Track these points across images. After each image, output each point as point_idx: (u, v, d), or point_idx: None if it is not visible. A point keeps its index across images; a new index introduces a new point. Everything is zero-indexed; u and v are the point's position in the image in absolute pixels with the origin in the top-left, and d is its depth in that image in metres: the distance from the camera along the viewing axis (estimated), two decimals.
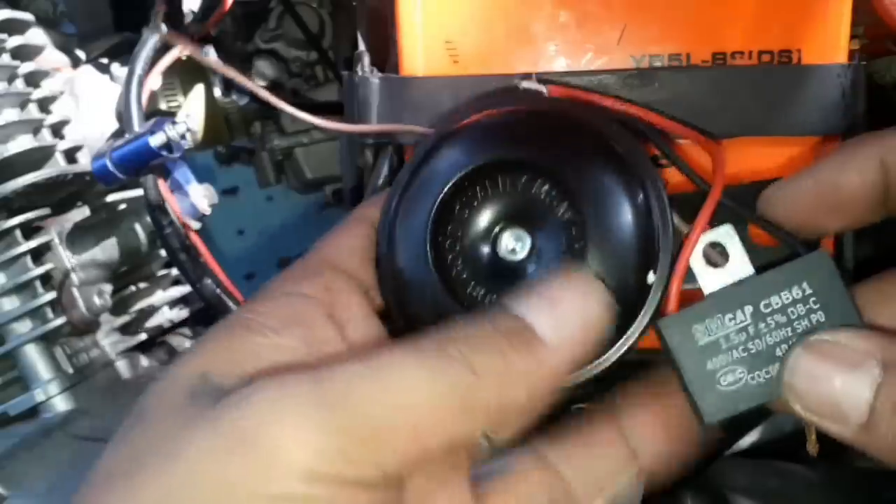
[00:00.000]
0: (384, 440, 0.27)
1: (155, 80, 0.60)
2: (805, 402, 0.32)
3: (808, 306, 0.33)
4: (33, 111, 0.68)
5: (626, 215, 0.35)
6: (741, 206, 0.36)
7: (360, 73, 0.50)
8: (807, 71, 0.45)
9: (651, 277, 0.35)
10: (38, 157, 0.68)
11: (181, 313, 0.83)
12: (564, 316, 0.31)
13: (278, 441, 0.27)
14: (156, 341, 0.80)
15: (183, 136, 0.64)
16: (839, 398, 0.31)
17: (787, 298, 0.34)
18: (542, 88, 0.40)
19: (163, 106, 0.75)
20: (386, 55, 0.50)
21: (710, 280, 0.35)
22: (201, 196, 0.66)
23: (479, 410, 0.29)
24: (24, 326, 0.69)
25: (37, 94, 0.68)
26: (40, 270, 0.69)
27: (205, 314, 0.86)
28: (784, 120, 0.45)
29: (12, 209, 0.69)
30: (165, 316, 0.81)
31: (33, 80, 0.69)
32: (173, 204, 0.65)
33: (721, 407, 0.34)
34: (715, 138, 0.41)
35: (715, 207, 0.35)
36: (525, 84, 0.41)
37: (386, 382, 0.28)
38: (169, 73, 0.74)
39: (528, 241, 0.36)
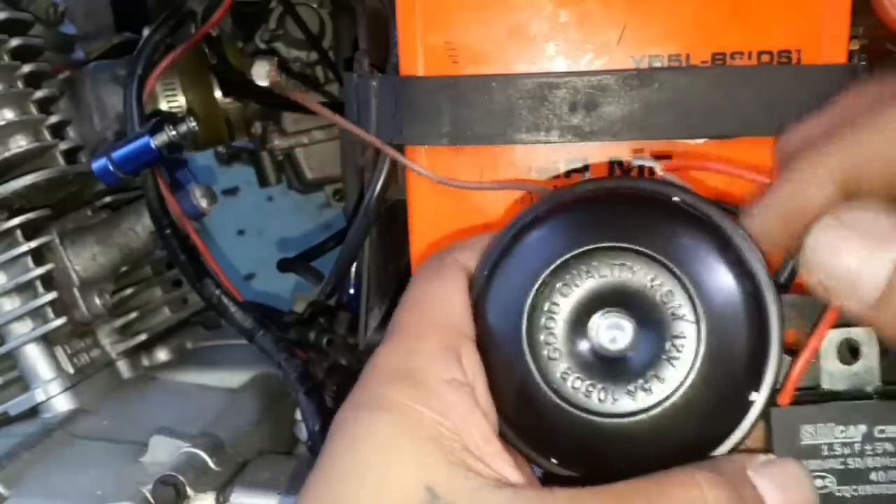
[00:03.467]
0: None
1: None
2: (825, 272, 0.32)
3: None
4: (33, 111, 0.68)
5: (739, 325, 0.34)
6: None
7: (359, 73, 0.50)
8: (806, 71, 0.45)
9: (754, 396, 0.34)
10: (38, 157, 0.68)
11: (181, 313, 0.83)
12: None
13: None
14: (156, 341, 0.80)
15: (184, 136, 0.64)
16: (858, 271, 0.31)
17: None
18: (657, 165, 0.39)
19: (163, 106, 0.75)
20: (386, 55, 0.50)
21: (835, 377, 0.34)
22: (201, 196, 0.66)
23: None
24: (24, 326, 0.69)
25: (37, 94, 0.68)
26: (41, 271, 0.69)
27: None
28: (783, 120, 0.45)
29: (13, 209, 0.69)
30: (166, 316, 0.81)
31: (34, 80, 0.69)
32: (174, 204, 0.65)
33: None
34: None
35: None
36: (638, 161, 0.39)
37: None
38: (169, 73, 0.74)
39: (629, 331, 0.35)
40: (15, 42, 0.69)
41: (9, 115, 0.67)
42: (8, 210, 0.69)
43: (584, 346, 0.35)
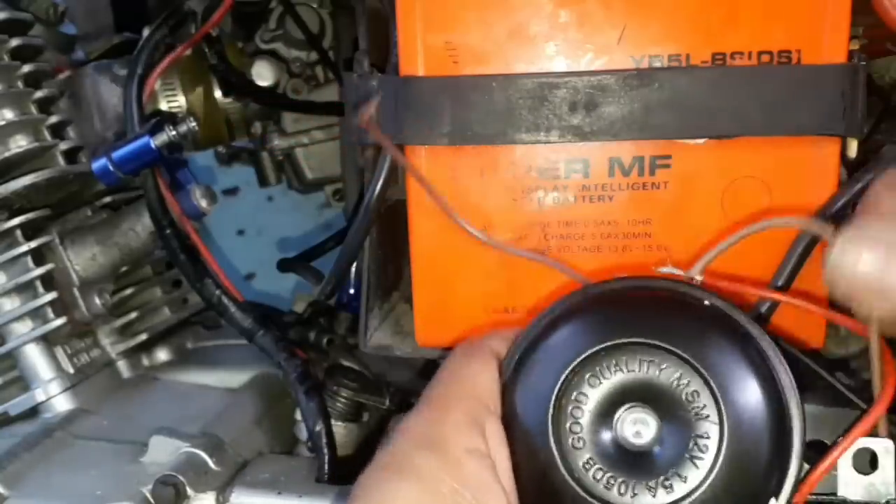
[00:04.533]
0: None
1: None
2: (850, 282, 0.33)
3: None
4: (33, 111, 0.68)
5: (762, 431, 0.34)
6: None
7: (360, 73, 0.50)
8: (806, 71, 0.45)
9: (773, 503, 0.34)
10: (38, 157, 0.68)
11: (181, 313, 0.83)
12: None
13: None
14: (156, 341, 0.80)
15: (184, 136, 0.64)
16: (882, 272, 0.32)
17: None
18: (697, 276, 0.39)
19: (163, 106, 0.75)
20: (386, 56, 0.50)
21: (851, 485, 0.35)
22: (201, 196, 0.66)
23: None
24: (24, 326, 0.69)
25: (37, 94, 0.68)
26: (41, 271, 0.68)
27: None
28: (783, 120, 0.45)
29: (13, 209, 0.69)
30: (166, 316, 0.81)
31: (34, 80, 0.69)
32: (174, 204, 0.65)
33: None
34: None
35: (875, 423, 0.35)
36: (675, 270, 0.40)
37: None
38: (169, 73, 0.74)
39: (653, 426, 0.35)
40: (15, 42, 0.69)
41: (9, 114, 0.67)
42: (8, 210, 0.69)
43: (608, 438, 0.36)
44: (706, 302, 0.38)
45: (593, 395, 0.36)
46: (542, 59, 0.46)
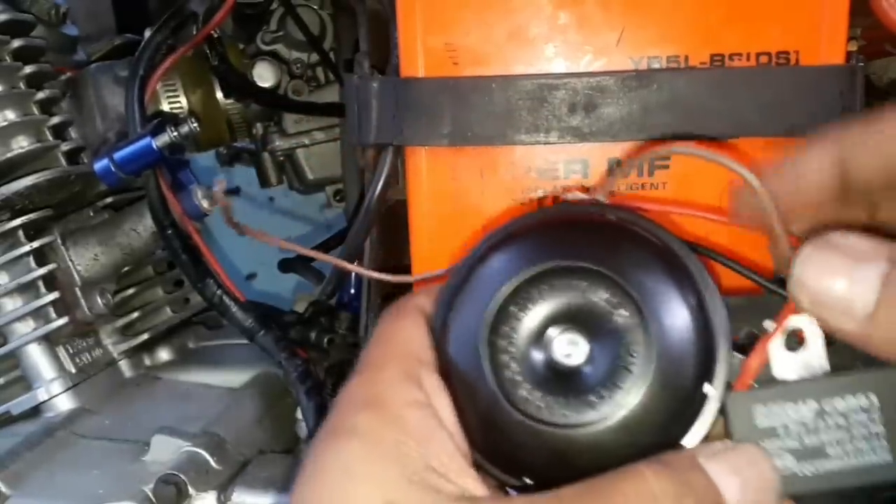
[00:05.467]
0: None
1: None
2: (814, 293, 0.33)
3: (870, 416, 0.34)
4: (35, 112, 0.69)
5: (684, 324, 0.35)
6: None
7: (360, 74, 0.50)
8: (804, 72, 0.45)
9: (707, 388, 0.35)
10: (40, 158, 0.68)
11: (183, 313, 0.83)
12: (748, 495, 0.34)
13: None
14: (158, 341, 0.80)
15: (185, 137, 0.64)
16: (848, 289, 0.32)
17: (853, 404, 0.34)
18: (601, 198, 0.40)
19: (165, 107, 0.76)
20: (386, 57, 0.50)
21: (784, 365, 0.35)
22: (203, 196, 0.66)
23: None
24: (26, 326, 0.69)
25: (39, 95, 0.69)
26: (43, 271, 0.69)
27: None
28: (782, 121, 0.45)
29: (15, 210, 0.69)
30: (167, 316, 0.82)
31: (35, 81, 0.70)
32: (175, 204, 0.65)
33: None
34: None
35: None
36: (581, 195, 0.41)
37: None
38: (171, 74, 0.74)
39: (584, 346, 0.36)
40: (17, 43, 0.69)
41: (11, 115, 0.68)
42: (10, 210, 0.69)
43: (544, 364, 0.36)
44: (612, 217, 0.39)
45: (520, 327, 0.36)
46: (542, 61, 0.46)
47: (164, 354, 0.81)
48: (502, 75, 0.46)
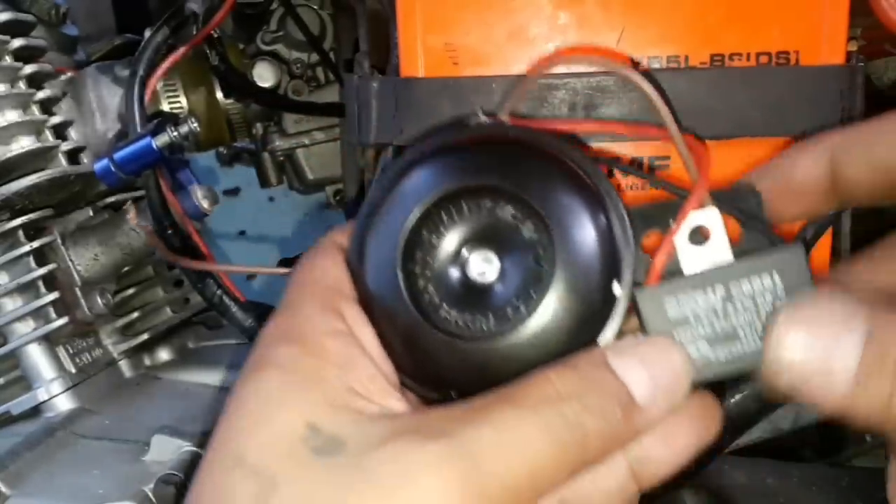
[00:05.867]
0: (510, 496, 0.31)
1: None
2: (792, 371, 0.33)
3: (776, 295, 0.35)
4: (36, 112, 0.69)
5: (588, 231, 0.36)
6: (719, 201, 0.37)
7: (360, 74, 0.50)
8: (804, 72, 0.45)
9: (615, 286, 0.36)
10: (40, 158, 0.68)
11: (183, 313, 0.83)
12: (658, 385, 0.34)
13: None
14: (158, 341, 0.80)
15: (185, 137, 0.65)
16: (827, 359, 0.32)
17: (758, 286, 0.35)
18: (503, 118, 0.41)
19: (165, 107, 0.76)
20: (386, 57, 0.50)
21: (691, 259, 0.36)
22: (203, 196, 0.66)
23: (582, 466, 0.33)
24: (26, 326, 0.69)
25: (39, 95, 0.69)
26: (43, 271, 0.69)
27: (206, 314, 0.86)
28: (782, 121, 0.45)
29: (15, 210, 0.69)
30: (167, 316, 0.82)
31: (36, 81, 0.69)
32: (175, 204, 0.65)
33: None
34: (696, 135, 0.41)
35: (701, 199, 0.36)
36: (482, 117, 0.41)
37: (511, 445, 0.31)
38: (171, 74, 0.74)
39: (496, 263, 0.37)
40: (17, 43, 0.69)
41: (11, 115, 0.68)
42: (10, 210, 0.69)
43: (460, 283, 0.37)
44: (512, 135, 0.39)
45: (433, 250, 0.37)
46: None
47: (164, 354, 0.80)
48: (502, 75, 0.46)
